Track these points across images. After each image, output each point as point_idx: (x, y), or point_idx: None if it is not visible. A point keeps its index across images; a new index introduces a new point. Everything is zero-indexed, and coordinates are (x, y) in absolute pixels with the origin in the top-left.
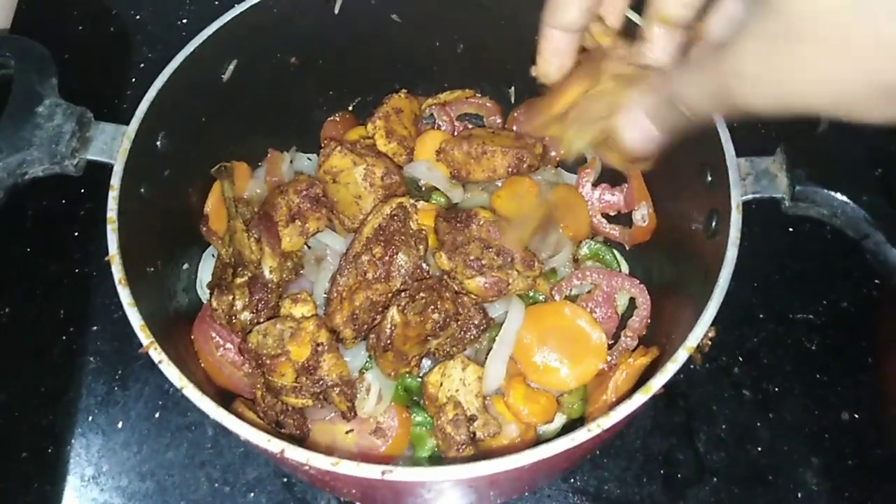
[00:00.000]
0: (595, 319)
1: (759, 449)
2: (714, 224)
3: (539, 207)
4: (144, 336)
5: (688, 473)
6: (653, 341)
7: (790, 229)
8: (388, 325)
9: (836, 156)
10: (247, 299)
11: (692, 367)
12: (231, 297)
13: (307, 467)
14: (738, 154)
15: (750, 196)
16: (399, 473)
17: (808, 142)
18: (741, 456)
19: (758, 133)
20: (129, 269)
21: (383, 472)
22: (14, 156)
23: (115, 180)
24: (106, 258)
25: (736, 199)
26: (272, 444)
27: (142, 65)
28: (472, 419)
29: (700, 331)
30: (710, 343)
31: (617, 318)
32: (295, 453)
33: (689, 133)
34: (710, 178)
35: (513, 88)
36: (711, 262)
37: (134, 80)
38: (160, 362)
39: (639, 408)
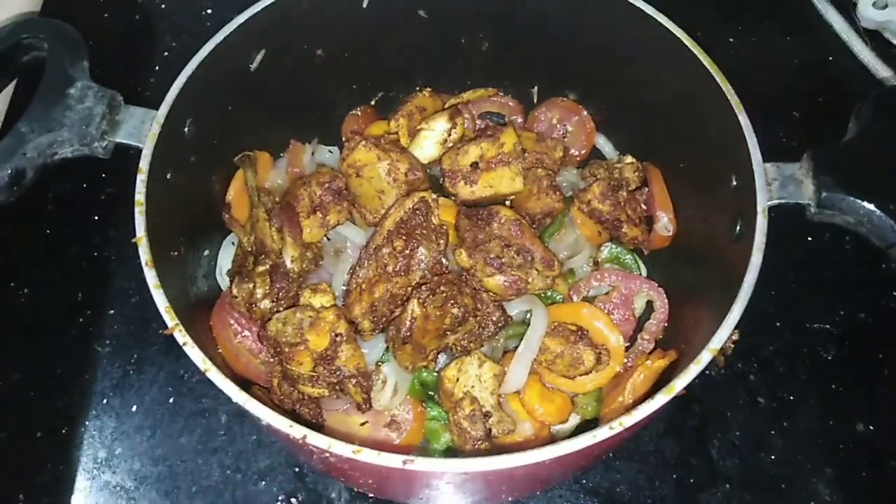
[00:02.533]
0: (613, 322)
1: (773, 457)
2: (738, 229)
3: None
4: (169, 318)
5: (700, 478)
6: (669, 345)
7: (809, 238)
8: (408, 318)
9: (864, 163)
10: (267, 287)
11: (708, 372)
12: (252, 285)
13: (328, 454)
14: (765, 159)
15: (776, 201)
16: (420, 464)
17: (835, 148)
18: (754, 463)
19: (784, 138)
20: (155, 252)
21: (404, 462)
22: (45, 136)
23: (144, 164)
24: (133, 240)
25: (762, 204)
26: (294, 430)
27: (165, 53)
28: (487, 416)
29: (724, 333)
30: (732, 346)
31: (634, 321)
32: (317, 440)
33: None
34: (735, 183)
35: (536, 88)
36: (734, 267)
37: (158, 68)
38: (184, 344)
39: (660, 408)
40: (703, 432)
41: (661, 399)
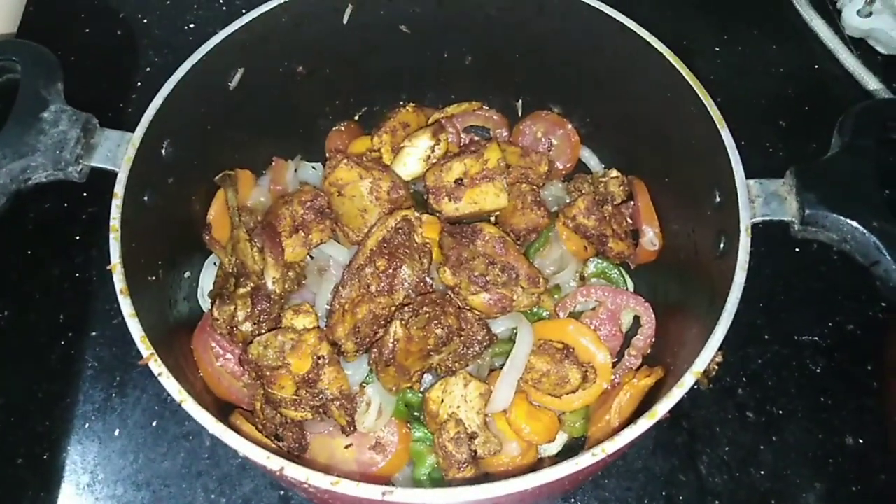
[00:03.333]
0: (599, 338)
1: (762, 472)
2: (722, 245)
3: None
4: (145, 347)
5: (690, 496)
6: (657, 361)
7: (797, 250)
8: (391, 340)
9: (847, 179)
10: (249, 310)
11: (696, 387)
12: (233, 308)
13: (306, 485)
14: (748, 176)
15: (759, 219)
16: (399, 495)
17: (818, 165)
18: (744, 479)
19: (770, 147)
20: (131, 278)
21: (384, 494)
22: (18, 161)
23: (119, 188)
24: (108, 267)
25: (745, 222)
26: (271, 462)
27: (148, 69)
28: (472, 437)
29: (707, 355)
30: (716, 367)
31: (621, 337)
32: (294, 471)
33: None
34: (718, 199)
35: (520, 101)
36: (719, 284)
37: (140, 84)
38: (160, 374)
39: (643, 433)
40: (691, 448)
41: (643, 424)
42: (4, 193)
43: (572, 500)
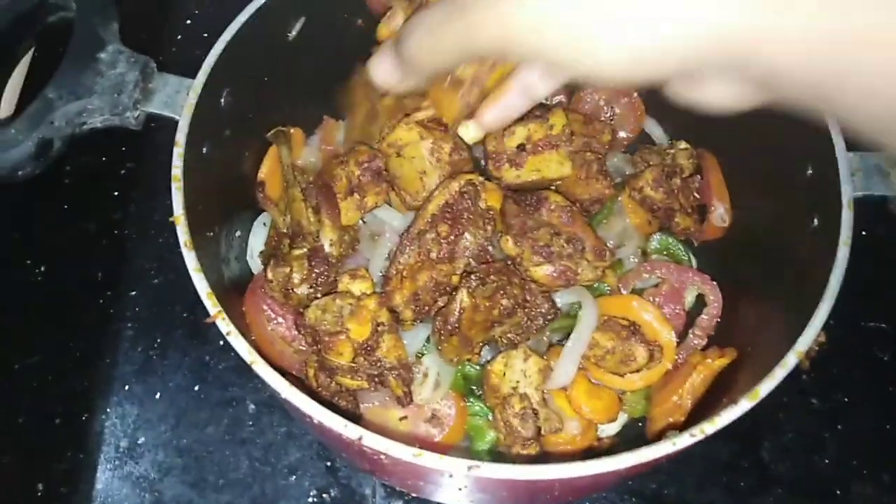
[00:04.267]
0: (664, 316)
1: (827, 461)
2: (816, 222)
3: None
4: (212, 304)
5: (751, 482)
6: (722, 341)
7: (863, 233)
8: (457, 308)
9: None
10: (305, 272)
11: (798, 367)
12: (288, 270)
13: (382, 457)
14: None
15: (860, 193)
16: (486, 470)
17: None
18: (807, 467)
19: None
20: (193, 231)
21: (469, 468)
22: (73, 103)
23: (181, 136)
24: (171, 219)
25: (847, 196)
26: (349, 430)
27: (188, 21)
28: (534, 413)
29: (811, 334)
30: (817, 348)
31: (684, 315)
32: (374, 441)
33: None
34: (810, 172)
35: None
36: (810, 262)
37: (179, 37)
38: (228, 333)
39: (743, 414)
40: (753, 435)
41: (745, 405)
42: (60, 137)
43: (629, 482)
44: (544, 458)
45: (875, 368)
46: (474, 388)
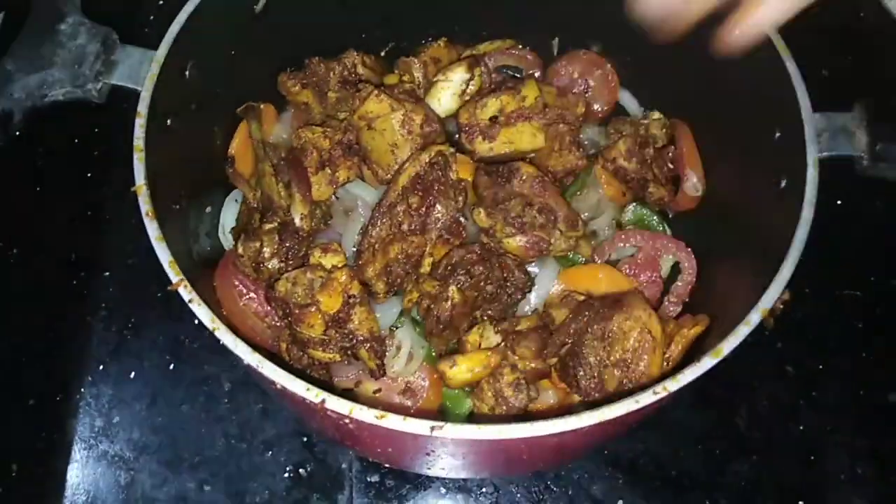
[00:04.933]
0: (628, 281)
1: (802, 428)
2: (783, 183)
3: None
4: (174, 273)
5: (727, 449)
6: (697, 309)
7: (838, 202)
8: (449, 306)
9: None
10: (275, 246)
11: (761, 324)
12: (259, 244)
13: (347, 420)
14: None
15: (826, 154)
16: (449, 430)
17: (889, 98)
18: (783, 434)
19: (825, 86)
20: (156, 202)
21: (432, 429)
22: (34, 75)
23: (143, 107)
24: (132, 188)
25: (812, 156)
26: (311, 394)
27: None
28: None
29: (775, 291)
30: (782, 307)
31: (661, 283)
32: (336, 404)
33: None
34: (778, 135)
35: (556, 39)
36: (776, 225)
37: (146, 9)
38: (190, 301)
39: (706, 371)
40: (729, 402)
41: (708, 362)
42: (19, 110)
43: (605, 451)
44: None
45: (849, 335)
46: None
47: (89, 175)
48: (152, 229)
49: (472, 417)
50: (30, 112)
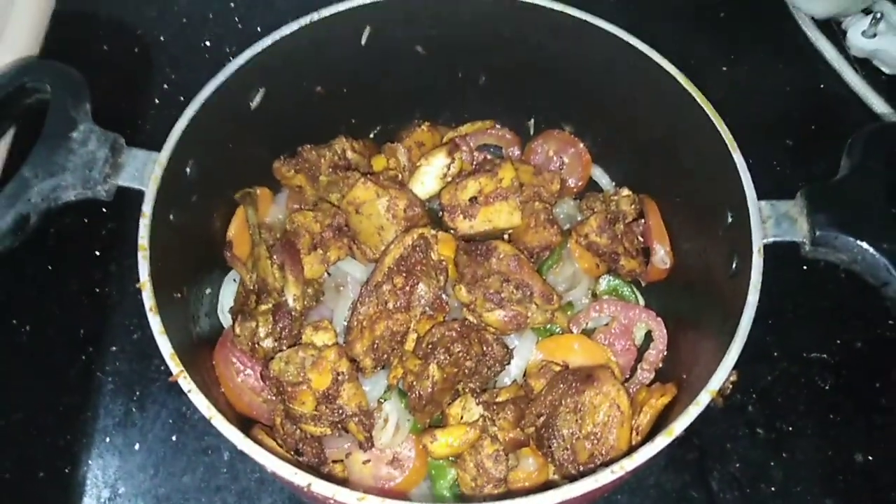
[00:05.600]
0: (602, 350)
1: (773, 489)
2: (735, 265)
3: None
4: (174, 365)
5: None
6: (669, 376)
7: (804, 268)
8: (430, 384)
9: (857, 201)
10: (270, 327)
11: (712, 405)
12: (254, 324)
13: (331, 501)
14: (758, 187)
15: (771, 239)
16: None
17: (828, 186)
18: (755, 495)
19: (777, 166)
20: (159, 295)
21: None
22: (48, 181)
23: (147, 207)
24: (137, 285)
25: (757, 243)
26: (299, 478)
27: (165, 85)
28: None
29: (722, 374)
30: (730, 386)
31: (635, 351)
32: (322, 488)
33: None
34: (730, 219)
35: (532, 120)
36: (731, 303)
37: (157, 101)
38: (189, 391)
39: (660, 451)
40: (702, 465)
41: (661, 442)
42: (35, 213)
43: None
44: (505, 496)
45: (817, 397)
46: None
47: (97, 254)
48: (155, 323)
49: (455, 488)
50: (44, 214)
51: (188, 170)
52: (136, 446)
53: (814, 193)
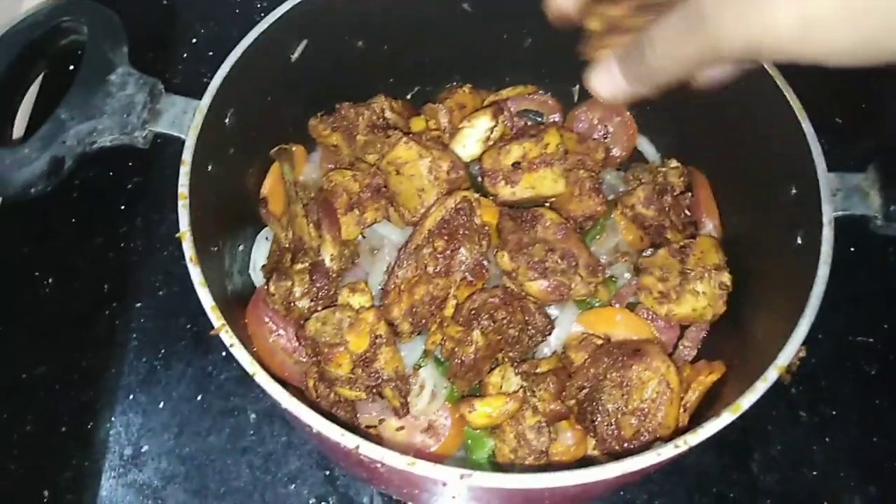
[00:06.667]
0: (646, 325)
1: (815, 473)
2: (799, 240)
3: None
4: (216, 318)
5: (740, 494)
6: (712, 354)
7: (851, 249)
8: (472, 350)
9: None
10: (306, 286)
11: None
12: (290, 283)
13: (379, 464)
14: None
15: (840, 213)
16: (478, 479)
17: None
18: (796, 479)
19: (826, 145)
20: (198, 247)
21: (462, 476)
22: (84, 123)
23: (187, 155)
24: (177, 235)
25: (828, 216)
26: (346, 439)
27: (193, 40)
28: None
29: (791, 349)
30: (798, 363)
31: (677, 328)
32: (370, 450)
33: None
34: (794, 192)
35: (577, 87)
36: (793, 278)
37: (185, 55)
38: (231, 346)
39: (726, 426)
40: (743, 447)
41: (727, 417)
42: (70, 156)
43: (621, 492)
44: (559, 467)
45: (862, 382)
46: None
47: (123, 208)
48: (196, 274)
49: (495, 462)
50: (79, 157)
51: (227, 120)
52: (161, 405)
53: (888, 166)
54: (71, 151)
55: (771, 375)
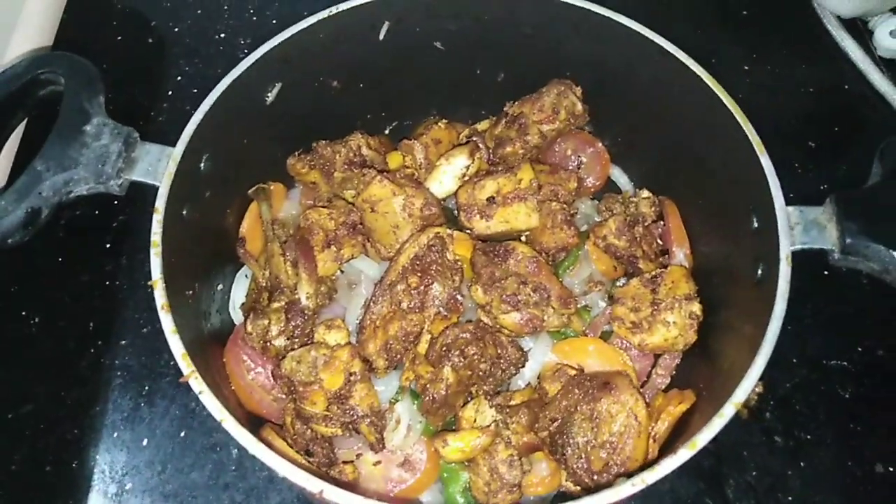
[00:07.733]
0: (618, 355)
1: (790, 498)
2: (760, 271)
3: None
4: (186, 365)
5: None
6: (685, 382)
7: (825, 273)
8: (443, 386)
9: (889, 209)
10: (282, 325)
11: (735, 416)
12: (266, 322)
13: None
14: (783, 193)
15: (798, 246)
16: None
17: (859, 193)
18: None
19: (799, 169)
20: (171, 294)
21: None
22: (61, 174)
23: (160, 203)
24: (149, 283)
25: (785, 251)
26: (311, 484)
27: (179, 77)
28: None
29: (748, 385)
30: (756, 398)
31: (651, 356)
32: (334, 494)
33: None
34: (756, 224)
35: None
36: (755, 310)
37: (170, 92)
38: (200, 393)
39: (683, 463)
40: (718, 472)
41: (684, 454)
42: (47, 206)
43: None
44: None
45: (837, 406)
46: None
47: (108, 246)
48: (167, 322)
49: (467, 492)
50: (55, 207)
51: (202, 165)
52: (145, 441)
53: (844, 200)
54: (47, 202)
55: (728, 411)
